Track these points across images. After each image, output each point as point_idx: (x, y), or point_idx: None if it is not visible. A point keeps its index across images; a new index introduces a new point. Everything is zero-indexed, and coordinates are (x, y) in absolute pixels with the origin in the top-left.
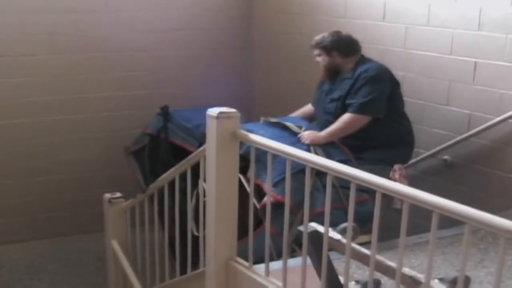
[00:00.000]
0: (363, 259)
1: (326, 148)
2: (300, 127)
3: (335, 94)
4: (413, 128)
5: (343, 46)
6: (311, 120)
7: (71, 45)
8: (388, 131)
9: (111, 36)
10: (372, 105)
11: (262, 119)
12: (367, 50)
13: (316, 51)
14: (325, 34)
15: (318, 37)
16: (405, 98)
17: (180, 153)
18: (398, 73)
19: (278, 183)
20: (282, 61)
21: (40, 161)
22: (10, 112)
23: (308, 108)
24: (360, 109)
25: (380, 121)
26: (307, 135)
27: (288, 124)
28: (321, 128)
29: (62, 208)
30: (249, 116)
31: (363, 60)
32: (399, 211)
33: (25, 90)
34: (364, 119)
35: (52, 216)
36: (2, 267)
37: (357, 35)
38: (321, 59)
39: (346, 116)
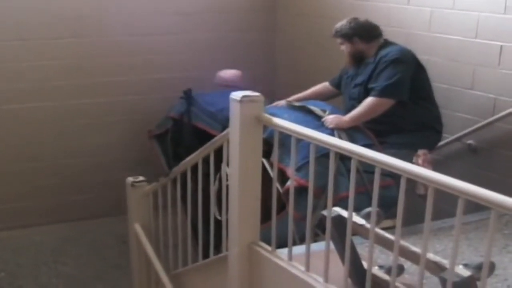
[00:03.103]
0: (387, 244)
1: (350, 132)
2: (324, 111)
3: (359, 79)
4: None
5: (363, 32)
6: (324, 99)
7: (97, 28)
8: (413, 116)
9: (136, 20)
10: (394, 88)
11: (286, 102)
12: (391, 34)
13: (339, 40)
14: (343, 22)
15: (337, 26)
16: None
17: (203, 137)
18: (422, 57)
19: (302, 168)
20: (306, 44)
21: (64, 145)
22: (36, 95)
23: (321, 87)
24: (382, 93)
25: (405, 105)
26: (331, 119)
27: (312, 108)
28: (346, 113)
29: (85, 191)
30: (273, 99)
31: (386, 44)
32: (422, 197)
33: (51, 74)
34: (387, 103)
35: (76, 200)
36: (27, 250)
37: (381, 18)
38: (345, 47)
39: (369, 100)
